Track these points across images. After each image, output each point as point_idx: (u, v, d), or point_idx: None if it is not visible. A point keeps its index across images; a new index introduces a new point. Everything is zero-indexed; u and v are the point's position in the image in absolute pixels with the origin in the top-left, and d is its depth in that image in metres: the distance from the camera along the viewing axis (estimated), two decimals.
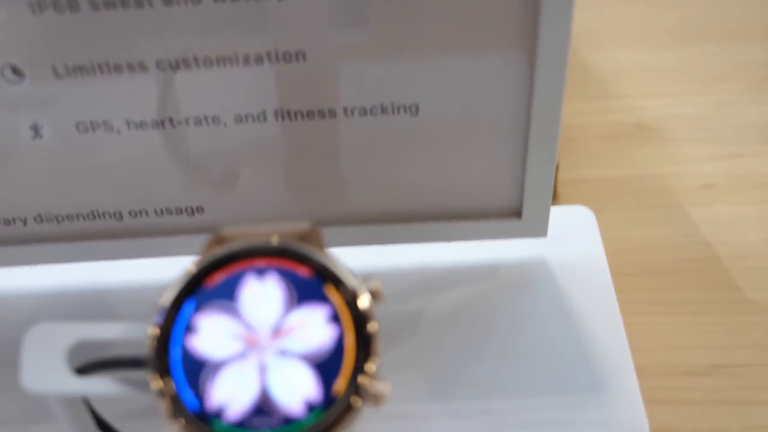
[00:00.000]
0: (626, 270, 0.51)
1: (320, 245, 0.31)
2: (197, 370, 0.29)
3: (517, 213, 0.45)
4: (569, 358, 0.44)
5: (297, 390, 0.29)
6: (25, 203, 0.44)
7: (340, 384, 0.29)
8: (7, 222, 0.45)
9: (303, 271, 0.31)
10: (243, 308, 0.30)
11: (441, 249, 0.47)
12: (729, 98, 0.63)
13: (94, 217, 0.45)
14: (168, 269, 0.45)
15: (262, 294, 0.30)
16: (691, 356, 0.49)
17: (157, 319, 0.30)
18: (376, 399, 0.29)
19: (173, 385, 0.29)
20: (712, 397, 0.47)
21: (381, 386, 0.29)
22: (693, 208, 0.56)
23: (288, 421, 0.29)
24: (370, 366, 0.29)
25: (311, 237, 0.32)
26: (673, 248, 0.54)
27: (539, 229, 0.46)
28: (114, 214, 0.45)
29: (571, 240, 0.48)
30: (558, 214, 0.48)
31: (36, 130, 0.42)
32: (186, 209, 0.45)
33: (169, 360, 0.30)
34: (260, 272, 0.31)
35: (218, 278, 0.31)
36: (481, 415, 0.42)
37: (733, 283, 0.51)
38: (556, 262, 0.47)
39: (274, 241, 0.31)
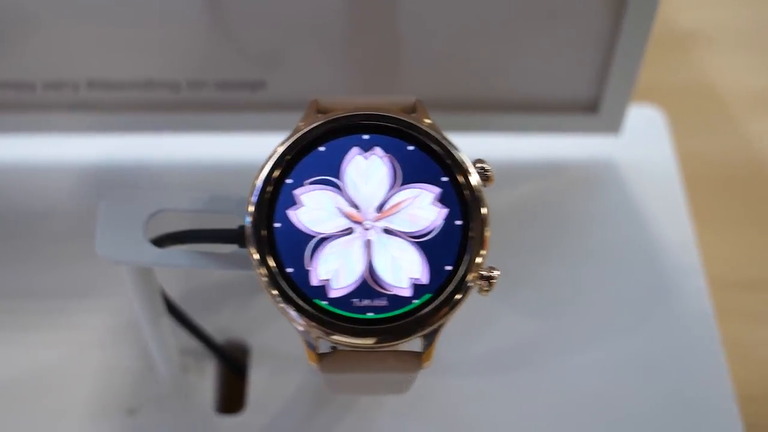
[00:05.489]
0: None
1: (427, 120, 0.29)
2: (298, 245, 0.28)
3: (592, 107, 0.43)
4: (637, 261, 0.42)
5: (404, 270, 0.28)
6: (76, 67, 0.42)
7: (451, 266, 0.28)
8: (57, 86, 0.42)
9: (410, 147, 0.29)
10: (347, 183, 0.28)
11: (507, 143, 0.45)
12: None
13: (150, 87, 0.43)
14: (223, 147, 0.45)
15: (366, 169, 0.28)
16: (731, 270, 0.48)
17: (257, 190, 0.28)
18: (486, 283, 0.28)
19: (275, 260, 0.28)
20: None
21: (492, 270, 0.28)
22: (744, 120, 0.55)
23: (394, 301, 0.27)
24: (481, 249, 0.28)
25: (418, 111, 0.30)
26: (720, 160, 0.53)
27: (613, 126, 0.44)
28: (171, 84, 0.43)
29: (640, 140, 0.46)
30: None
31: None
32: (247, 84, 0.43)
33: (269, 233, 0.28)
34: (365, 146, 0.29)
35: (320, 151, 0.29)
36: (544, 314, 0.41)
37: None
38: (624, 163, 0.45)
39: (381, 113, 0.29)
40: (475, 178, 0.29)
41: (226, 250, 0.32)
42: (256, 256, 0.28)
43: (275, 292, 0.28)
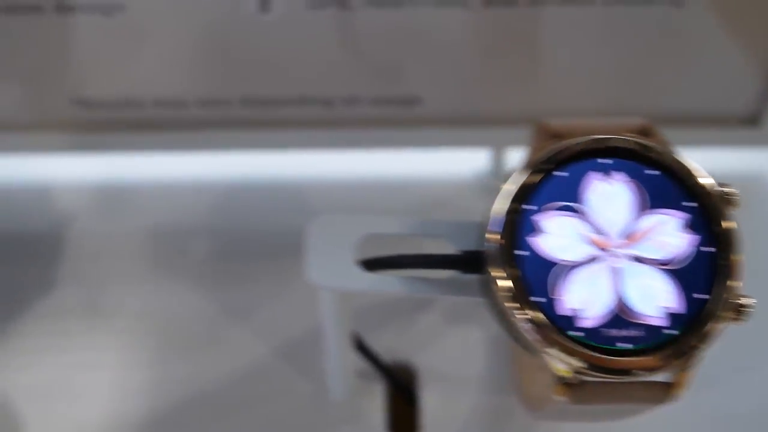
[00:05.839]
0: None
1: (664, 142, 0.28)
2: (544, 273, 0.27)
3: (754, 120, 0.43)
4: None
5: (655, 299, 0.27)
6: (231, 84, 0.41)
7: (703, 294, 0.27)
8: (211, 104, 0.41)
9: (652, 171, 0.28)
10: (590, 209, 0.28)
11: None
12: None
13: (304, 103, 0.42)
14: (370, 164, 0.44)
15: (609, 195, 0.28)
16: None
17: (502, 216, 0.27)
18: (739, 312, 0.27)
19: (520, 286, 0.27)
20: None
21: (747, 299, 0.27)
22: None
23: (649, 331, 0.27)
24: (733, 276, 0.27)
25: (651, 133, 0.29)
26: None
27: None
28: (325, 100, 0.42)
29: None
30: None
31: (264, 3, 0.38)
32: (402, 99, 0.42)
33: (511, 260, 0.27)
34: (605, 170, 0.28)
35: (560, 176, 0.28)
36: None
37: None
38: None
39: (620, 136, 0.28)
40: (721, 203, 0.28)
41: (436, 275, 0.31)
42: (502, 278, 0.27)
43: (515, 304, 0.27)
